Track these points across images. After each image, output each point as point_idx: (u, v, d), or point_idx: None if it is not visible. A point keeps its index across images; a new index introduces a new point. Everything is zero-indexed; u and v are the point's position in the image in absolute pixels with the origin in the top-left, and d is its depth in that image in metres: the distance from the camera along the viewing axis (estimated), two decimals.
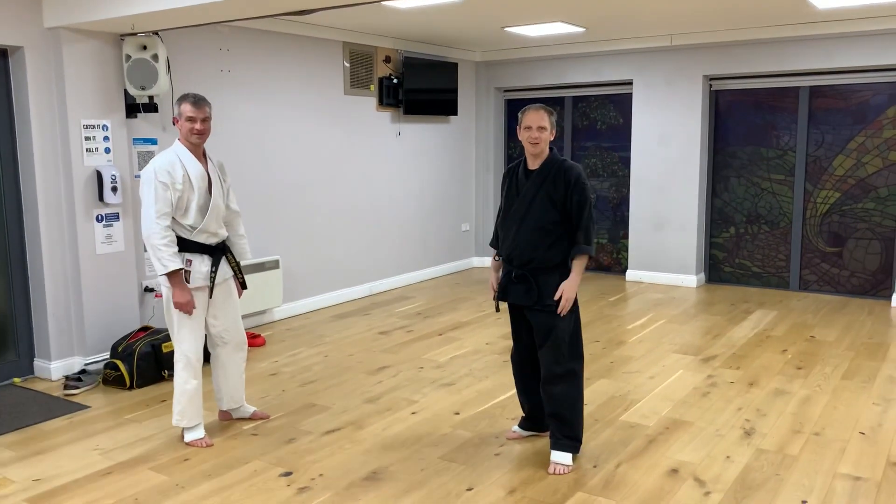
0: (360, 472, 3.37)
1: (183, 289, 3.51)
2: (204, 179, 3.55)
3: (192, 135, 3.52)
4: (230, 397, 3.91)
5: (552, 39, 7.17)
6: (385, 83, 6.97)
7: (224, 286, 3.73)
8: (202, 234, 3.58)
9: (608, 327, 5.85)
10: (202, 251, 3.59)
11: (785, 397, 4.27)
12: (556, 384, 3.35)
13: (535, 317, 3.35)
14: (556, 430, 3.39)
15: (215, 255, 3.64)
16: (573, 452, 3.40)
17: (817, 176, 6.91)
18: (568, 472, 3.33)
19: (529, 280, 3.31)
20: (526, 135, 3.32)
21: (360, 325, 5.97)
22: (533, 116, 3.31)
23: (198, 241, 3.57)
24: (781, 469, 3.36)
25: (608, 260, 8.09)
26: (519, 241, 3.33)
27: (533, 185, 3.32)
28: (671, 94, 7.24)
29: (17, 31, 4.36)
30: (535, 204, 3.30)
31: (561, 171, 3.29)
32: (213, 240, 3.63)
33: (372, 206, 7.05)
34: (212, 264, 3.61)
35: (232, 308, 3.80)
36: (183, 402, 3.65)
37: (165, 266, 3.43)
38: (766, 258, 7.24)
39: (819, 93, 6.81)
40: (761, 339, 5.46)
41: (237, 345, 3.86)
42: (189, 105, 3.50)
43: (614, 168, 7.92)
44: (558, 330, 3.31)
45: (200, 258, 3.58)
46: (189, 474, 3.36)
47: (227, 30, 5.54)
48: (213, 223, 3.60)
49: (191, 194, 3.50)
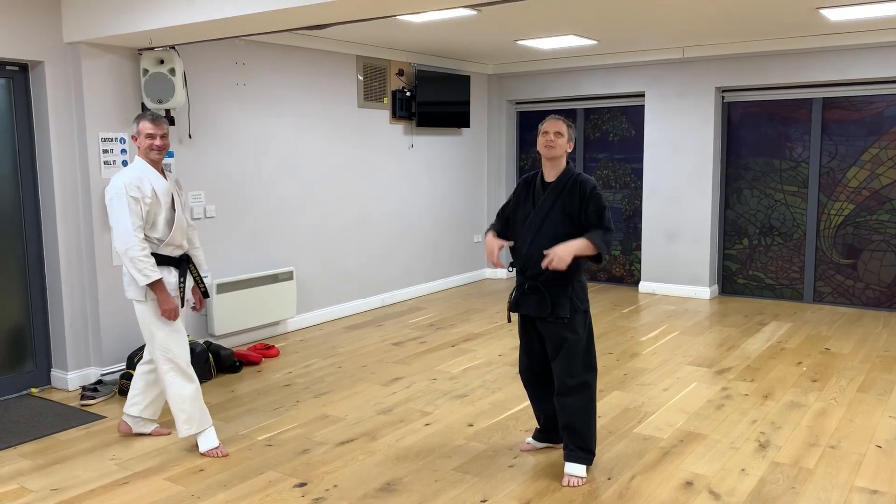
0: (373, 483, 3.38)
1: (167, 296, 3.58)
2: (168, 194, 3.63)
3: (151, 151, 3.59)
4: (149, 405, 3.90)
5: (564, 52, 7.20)
6: (398, 96, 7.02)
7: None
8: (168, 246, 3.65)
9: (621, 339, 5.84)
10: (168, 263, 3.66)
11: (800, 410, 4.24)
12: (569, 396, 3.35)
13: (547, 328, 3.36)
14: (569, 442, 3.39)
15: (181, 266, 3.72)
16: (587, 464, 3.40)
17: (831, 187, 6.89)
18: (582, 484, 3.33)
19: (542, 291, 3.32)
20: (543, 140, 3.35)
21: (373, 337, 5.99)
22: (551, 123, 3.36)
23: (164, 254, 3.64)
24: (797, 482, 3.34)
25: (621, 271, 8.08)
26: (533, 253, 3.33)
27: (549, 198, 3.35)
28: (683, 106, 7.24)
29: (37, 47, 4.43)
30: (551, 216, 3.33)
31: (576, 184, 3.32)
32: (177, 252, 3.71)
33: (385, 218, 7.08)
34: (179, 275, 3.69)
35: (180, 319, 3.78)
36: (187, 408, 3.67)
37: (148, 276, 3.49)
38: (779, 270, 7.21)
39: (832, 104, 6.80)
40: (776, 352, 5.43)
41: None
42: (148, 122, 3.59)
43: (627, 180, 7.93)
44: (571, 342, 3.32)
45: (168, 270, 3.65)
46: (204, 484, 3.38)
47: (243, 44, 5.60)
48: (178, 236, 3.68)
49: (158, 208, 3.58)
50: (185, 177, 5.29)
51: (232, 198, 5.64)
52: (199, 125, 5.35)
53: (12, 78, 4.50)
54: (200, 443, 3.71)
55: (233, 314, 5.55)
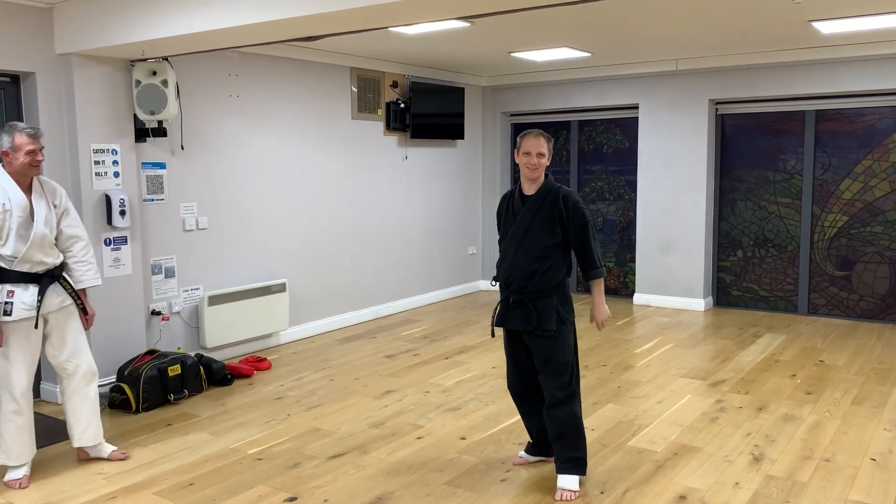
0: (365, 497, 3.35)
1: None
2: (25, 209, 3.41)
3: (31, 168, 3.41)
4: (80, 433, 3.68)
5: (558, 64, 7.21)
6: (392, 108, 7.02)
7: (60, 313, 3.57)
8: (24, 263, 3.41)
9: (615, 351, 5.82)
10: (27, 280, 3.43)
11: (794, 423, 4.22)
12: (559, 407, 3.33)
13: (534, 342, 3.34)
14: (562, 453, 3.36)
15: (43, 282, 3.46)
16: (580, 474, 3.37)
17: (824, 199, 6.90)
18: (575, 498, 3.30)
19: (528, 305, 3.30)
20: (525, 160, 3.33)
21: (365, 349, 5.95)
22: (532, 142, 3.32)
23: (20, 271, 3.41)
24: (791, 496, 3.32)
25: (615, 283, 8.07)
26: (516, 266, 3.33)
27: (529, 211, 3.34)
28: (677, 118, 7.26)
29: (29, 58, 4.42)
30: (532, 229, 3.32)
31: (557, 198, 3.31)
32: (38, 268, 3.46)
33: (379, 230, 7.07)
34: (38, 292, 3.44)
35: (73, 336, 3.62)
36: (8, 441, 3.48)
37: None
38: (773, 282, 7.21)
39: (825, 117, 6.82)
40: (770, 364, 5.41)
41: (84, 376, 3.65)
42: (27, 137, 3.39)
43: (621, 192, 7.93)
44: (559, 354, 3.31)
45: (24, 287, 3.42)
46: (193, 499, 3.34)
47: (236, 55, 5.60)
48: (36, 252, 3.43)
49: (10, 224, 3.37)
50: (178, 188, 5.27)
51: (224, 209, 5.62)
52: (191, 137, 5.34)
53: (3, 89, 4.48)
54: (7, 473, 3.54)
55: (224, 327, 5.52)
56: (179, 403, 4.67)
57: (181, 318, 5.36)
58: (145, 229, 5.07)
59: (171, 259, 5.27)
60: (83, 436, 3.70)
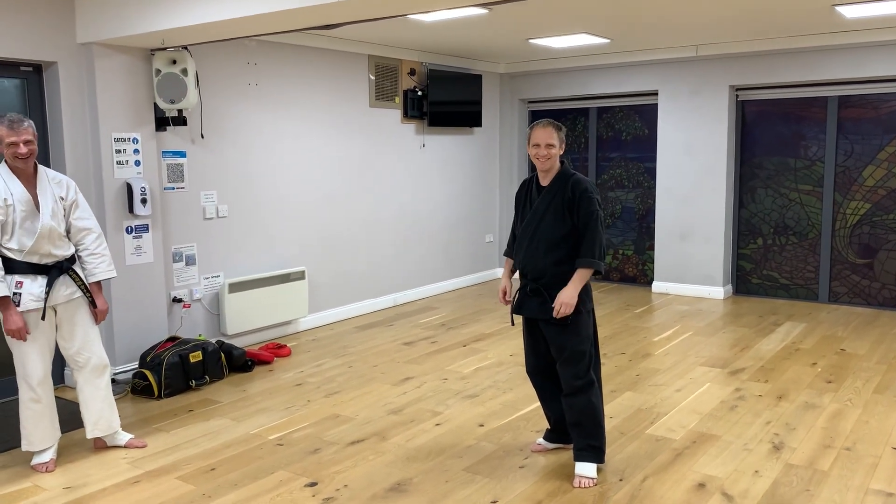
0: (384, 483, 3.38)
1: (12, 314, 3.35)
2: (28, 203, 3.39)
3: (17, 160, 3.36)
4: (94, 424, 3.71)
5: (577, 51, 7.17)
6: (410, 95, 7.01)
7: (69, 306, 3.57)
8: (34, 255, 3.41)
9: (634, 339, 5.81)
10: (36, 271, 3.43)
11: (815, 411, 4.20)
12: (577, 395, 3.34)
13: (550, 331, 3.34)
14: (579, 440, 3.37)
15: (51, 274, 3.47)
16: (598, 462, 3.38)
17: (846, 186, 6.82)
18: (593, 485, 3.31)
19: (543, 294, 3.31)
20: (534, 152, 3.32)
21: (384, 336, 5.98)
22: (540, 134, 3.31)
23: (30, 262, 3.41)
24: (811, 484, 3.31)
25: (634, 271, 8.04)
26: (531, 256, 3.35)
27: (544, 201, 3.34)
28: (697, 105, 7.19)
29: (51, 48, 4.46)
30: (546, 219, 3.32)
31: (568, 186, 3.30)
32: (48, 260, 3.46)
33: (396, 218, 7.08)
34: (46, 283, 3.44)
35: (82, 329, 3.62)
36: (27, 428, 3.54)
37: None
38: (794, 270, 7.15)
39: (848, 102, 6.73)
40: (790, 352, 5.38)
41: (95, 369, 3.67)
42: (5, 129, 3.32)
43: (640, 179, 7.88)
44: (575, 343, 3.31)
45: (33, 279, 3.42)
46: (215, 484, 3.39)
47: (254, 44, 5.62)
48: (44, 244, 3.42)
49: (14, 218, 3.36)
50: (198, 177, 5.31)
51: (244, 198, 5.66)
52: (211, 125, 5.37)
53: (26, 79, 4.53)
54: (34, 457, 3.60)
55: (245, 314, 5.56)
56: (201, 389, 4.72)
57: (202, 306, 5.42)
58: (166, 217, 5.12)
59: (191, 247, 5.31)
60: (95, 427, 3.73)
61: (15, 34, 4.29)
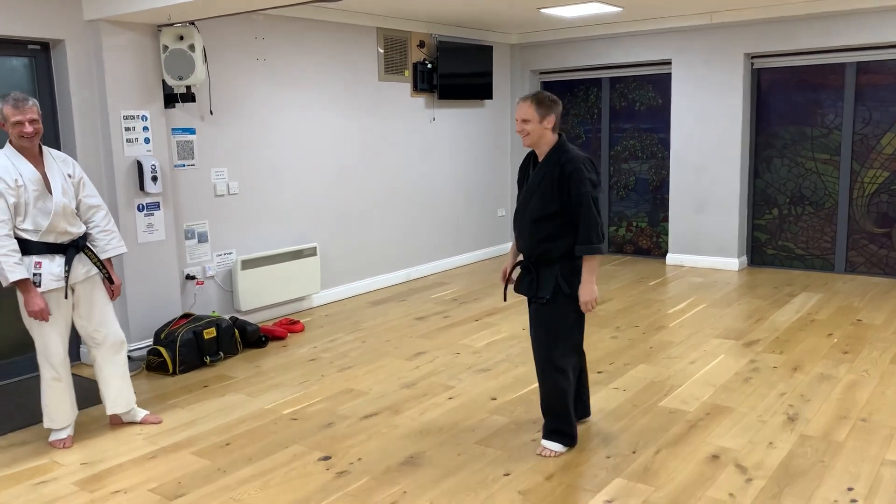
0: (397, 456, 3.39)
1: (34, 296, 3.35)
2: (38, 182, 3.37)
3: (22, 139, 3.34)
4: (112, 401, 3.75)
5: (588, 20, 7.06)
6: (419, 68, 6.94)
7: (87, 283, 3.59)
8: (50, 234, 3.41)
9: (648, 312, 5.78)
10: (53, 251, 3.44)
11: (830, 382, 4.17)
12: (548, 378, 3.32)
13: (531, 308, 3.35)
14: (549, 421, 3.39)
15: (69, 252, 3.48)
16: (567, 447, 3.38)
17: (864, 155, 6.71)
18: (556, 456, 3.33)
19: (533, 272, 3.30)
20: (517, 128, 3.28)
21: (396, 311, 5.99)
22: (518, 109, 3.25)
23: (46, 242, 3.41)
24: (826, 456, 3.29)
25: (648, 243, 7.99)
26: (524, 232, 3.31)
27: (537, 176, 3.26)
28: (711, 74, 7.08)
29: (58, 25, 4.44)
30: (536, 196, 3.25)
31: (559, 163, 3.19)
32: (64, 238, 3.46)
33: (407, 193, 7.05)
34: (65, 262, 3.46)
35: (99, 306, 3.64)
36: (49, 406, 3.58)
37: (6, 279, 3.27)
38: (810, 240, 7.07)
39: (866, 69, 6.60)
40: (805, 323, 5.34)
41: (112, 345, 3.71)
42: (10, 108, 3.30)
43: (654, 150, 7.80)
44: (549, 324, 3.28)
45: (51, 258, 3.43)
46: (230, 458, 3.42)
47: (262, 18, 5.57)
48: (60, 222, 3.42)
49: (27, 198, 3.34)
50: (208, 153, 5.30)
51: (254, 174, 5.65)
52: (220, 101, 5.34)
53: (34, 57, 4.52)
54: (51, 434, 3.64)
55: (258, 290, 5.58)
56: (215, 365, 4.76)
57: (215, 282, 5.44)
58: (177, 195, 5.12)
59: (203, 224, 5.32)
60: (115, 403, 3.78)
61: (22, 12, 4.27)
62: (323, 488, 3.12)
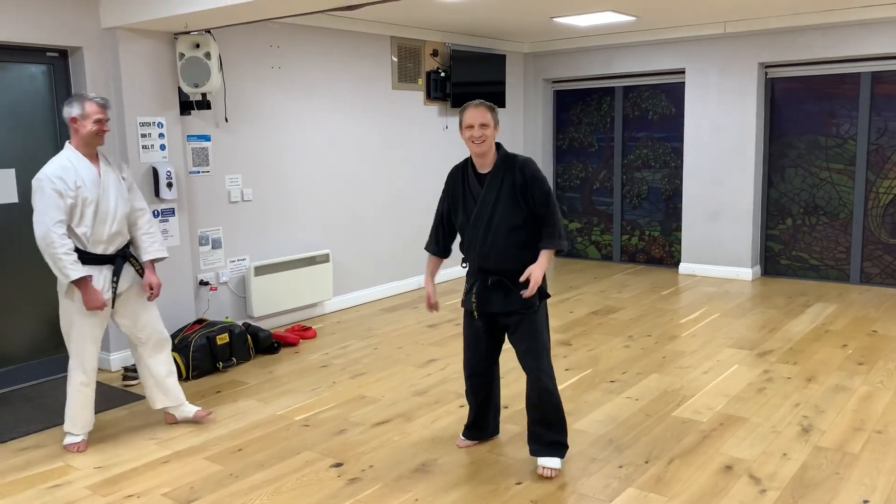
0: (409, 463, 3.39)
1: (94, 293, 3.41)
2: (97, 184, 3.44)
3: (97, 137, 3.43)
4: (164, 395, 3.82)
5: (602, 29, 7.07)
6: (433, 77, 6.97)
7: (131, 290, 3.64)
8: (98, 244, 3.46)
9: (660, 321, 5.76)
10: (101, 262, 3.48)
11: (845, 393, 4.14)
12: (548, 392, 3.21)
13: (515, 323, 3.20)
14: (546, 435, 3.25)
15: (117, 263, 3.54)
16: (561, 457, 3.28)
17: (879, 165, 6.67)
18: (556, 475, 3.22)
19: (507, 285, 3.15)
20: (468, 134, 3.11)
21: (408, 318, 6.00)
22: (473, 114, 3.10)
23: (94, 253, 3.46)
24: (841, 467, 3.26)
25: (660, 253, 7.96)
26: (490, 247, 3.15)
27: (492, 188, 3.14)
28: (725, 83, 7.06)
29: (76, 33, 4.49)
30: (499, 207, 3.13)
31: (515, 168, 3.13)
32: (111, 248, 3.51)
33: (420, 200, 7.06)
34: (112, 274, 3.52)
35: (143, 308, 3.70)
36: (74, 410, 3.59)
37: (68, 276, 3.33)
38: (824, 250, 7.03)
39: (881, 79, 6.57)
40: (820, 334, 5.30)
41: (156, 343, 3.77)
42: (97, 106, 3.42)
43: (667, 159, 7.78)
44: (539, 332, 3.19)
45: (98, 271, 3.47)
46: (243, 464, 3.43)
47: (277, 26, 5.61)
48: (102, 229, 3.46)
49: (84, 201, 3.39)
50: (223, 160, 5.34)
51: (269, 181, 5.68)
52: (235, 109, 5.38)
53: (52, 64, 4.57)
54: (66, 437, 3.65)
55: (270, 296, 5.60)
56: (228, 371, 4.77)
57: (228, 288, 5.46)
58: (192, 201, 5.15)
59: (217, 230, 5.35)
60: (167, 396, 3.83)
61: (40, 20, 4.33)
62: (335, 495, 3.12)
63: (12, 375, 4.54)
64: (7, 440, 3.76)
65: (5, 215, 4.47)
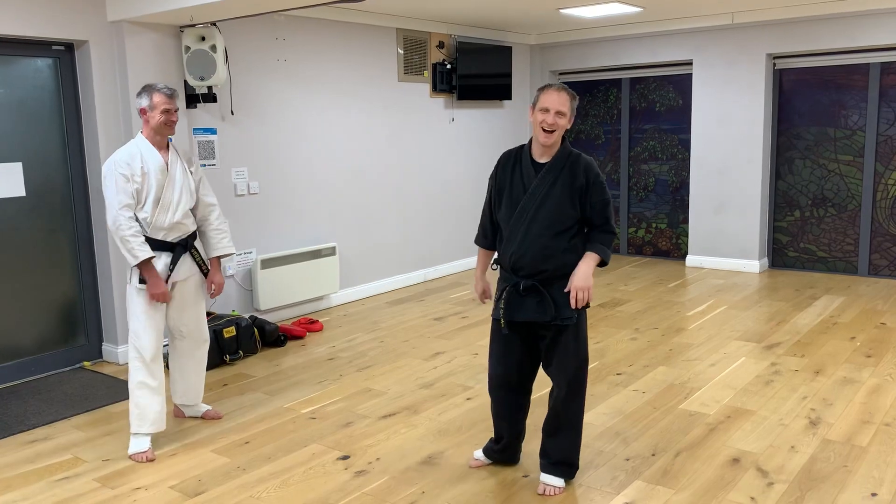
0: (415, 456, 3.40)
1: (157, 279, 3.41)
2: (163, 172, 3.45)
3: (165, 127, 3.46)
4: (185, 391, 3.81)
5: (608, 20, 7.03)
6: (439, 69, 6.95)
7: (187, 283, 3.62)
8: (159, 230, 3.46)
9: (667, 314, 5.74)
10: (161, 248, 3.48)
11: (853, 386, 4.12)
12: (571, 409, 2.98)
13: (552, 334, 2.91)
14: (555, 452, 3.04)
15: (176, 251, 3.53)
16: (569, 478, 3.08)
17: (889, 156, 6.63)
18: (560, 493, 3.03)
19: (542, 291, 2.86)
20: (541, 118, 2.81)
21: (415, 311, 6.00)
22: (554, 98, 2.79)
23: (155, 239, 3.45)
24: (849, 460, 3.25)
25: (667, 245, 7.94)
26: (529, 246, 2.86)
27: (545, 181, 2.86)
28: (733, 74, 7.02)
29: (82, 26, 4.49)
30: (547, 203, 2.85)
31: (578, 166, 2.86)
32: (171, 235, 3.51)
33: (426, 193, 7.06)
34: (171, 261, 3.50)
35: (193, 304, 3.68)
36: (141, 406, 3.47)
37: (136, 257, 3.33)
38: (832, 242, 6.99)
39: (891, 69, 6.52)
40: (828, 326, 5.28)
41: (196, 341, 3.75)
42: (164, 96, 3.44)
43: (674, 151, 7.75)
44: (579, 348, 2.92)
45: (157, 256, 3.46)
46: (250, 457, 3.44)
47: (283, 19, 5.60)
48: (164, 217, 3.46)
49: (148, 187, 3.41)
50: (228, 154, 5.34)
51: (274, 174, 5.68)
52: (241, 102, 5.38)
53: (59, 58, 4.57)
54: (131, 442, 3.50)
55: (277, 289, 5.61)
56: (234, 364, 4.79)
57: (235, 282, 5.47)
58: None
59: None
60: (185, 395, 3.82)
61: (47, 14, 4.33)
62: (341, 487, 3.13)
63: (21, 368, 4.56)
64: (16, 433, 3.78)
65: (13, 208, 4.48)
